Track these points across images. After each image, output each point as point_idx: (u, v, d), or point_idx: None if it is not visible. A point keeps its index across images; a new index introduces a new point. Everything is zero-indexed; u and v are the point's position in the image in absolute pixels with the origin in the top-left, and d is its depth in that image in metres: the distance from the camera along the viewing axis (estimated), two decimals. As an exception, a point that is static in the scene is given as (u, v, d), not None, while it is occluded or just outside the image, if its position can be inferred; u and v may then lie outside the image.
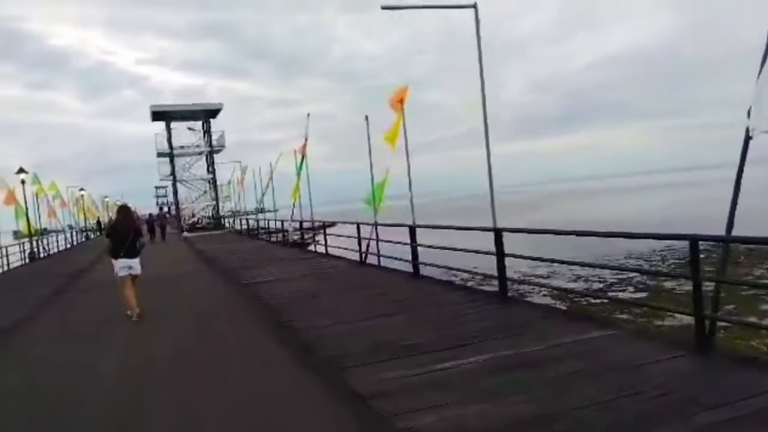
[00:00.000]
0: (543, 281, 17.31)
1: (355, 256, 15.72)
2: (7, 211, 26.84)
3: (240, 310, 9.66)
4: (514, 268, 12.89)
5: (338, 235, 17.89)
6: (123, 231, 9.58)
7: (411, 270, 11.88)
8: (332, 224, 20.39)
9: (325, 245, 17.35)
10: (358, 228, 14.45)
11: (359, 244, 14.43)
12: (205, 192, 48.81)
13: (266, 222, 29.85)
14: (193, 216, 50.12)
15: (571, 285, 17.85)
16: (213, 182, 48.00)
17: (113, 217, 39.16)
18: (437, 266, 10.97)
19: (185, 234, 41.26)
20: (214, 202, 48.41)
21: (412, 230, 11.39)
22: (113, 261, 9.58)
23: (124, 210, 10.34)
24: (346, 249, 16.38)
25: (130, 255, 9.49)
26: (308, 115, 23.05)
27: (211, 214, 50.04)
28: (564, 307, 12.64)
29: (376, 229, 13.75)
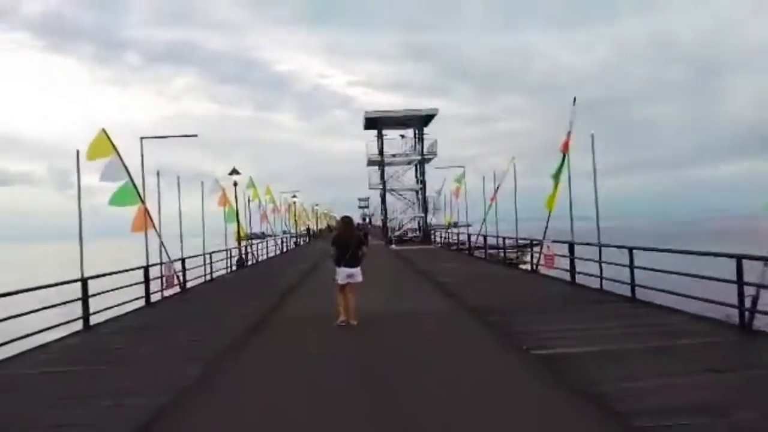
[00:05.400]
0: None
1: (676, 302, 9.81)
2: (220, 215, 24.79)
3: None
4: None
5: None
6: (345, 241, 9.72)
7: None
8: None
9: (633, 284, 11.00)
10: (740, 264, 7.95)
11: (740, 293, 7.93)
12: (413, 203, 45.36)
13: (499, 239, 24.16)
14: (400, 228, 46.71)
15: None
16: (422, 192, 44.25)
17: (334, 226, 37.03)
18: None
19: (393, 247, 37.47)
20: (423, 215, 44.49)
21: None
22: (336, 269, 9.67)
23: (346, 221, 10.44)
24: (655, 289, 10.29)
25: (351, 264, 9.62)
26: (574, 100, 17.21)
27: (418, 226, 46.26)
28: None
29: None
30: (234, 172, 26.29)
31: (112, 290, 12.48)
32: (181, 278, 16.52)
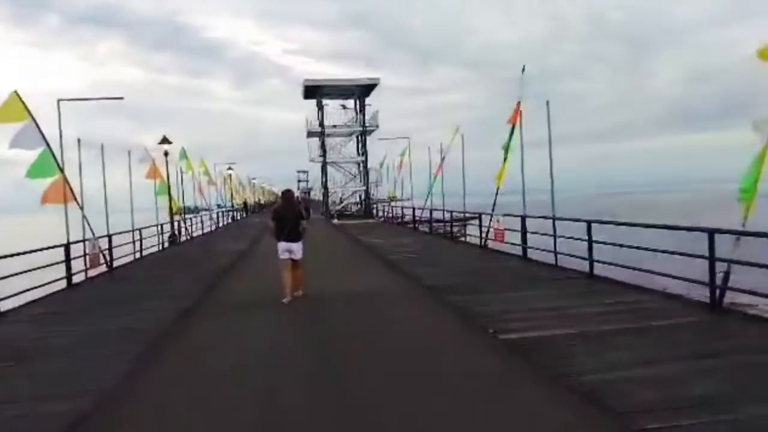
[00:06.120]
0: None
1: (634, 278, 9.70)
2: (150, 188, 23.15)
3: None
4: None
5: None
6: (284, 215, 9.56)
7: None
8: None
9: (591, 260, 10.63)
10: (712, 238, 7.61)
11: (711, 269, 7.62)
12: (354, 176, 44.39)
13: (446, 213, 23.72)
14: (341, 201, 45.74)
15: None
16: (364, 165, 43.33)
17: (277, 200, 36.12)
18: None
19: (335, 221, 36.62)
20: (365, 188, 43.61)
21: None
22: (277, 243, 9.53)
23: (287, 195, 10.10)
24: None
25: (291, 239, 9.46)
26: (523, 69, 16.70)
27: (360, 200, 45.46)
28: None
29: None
30: (164, 140, 24.58)
31: (26, 271, 11.12)
32: (107, 257, 15.14)
